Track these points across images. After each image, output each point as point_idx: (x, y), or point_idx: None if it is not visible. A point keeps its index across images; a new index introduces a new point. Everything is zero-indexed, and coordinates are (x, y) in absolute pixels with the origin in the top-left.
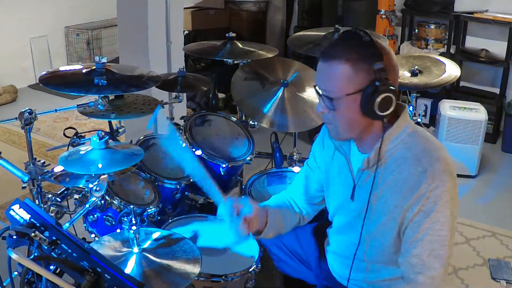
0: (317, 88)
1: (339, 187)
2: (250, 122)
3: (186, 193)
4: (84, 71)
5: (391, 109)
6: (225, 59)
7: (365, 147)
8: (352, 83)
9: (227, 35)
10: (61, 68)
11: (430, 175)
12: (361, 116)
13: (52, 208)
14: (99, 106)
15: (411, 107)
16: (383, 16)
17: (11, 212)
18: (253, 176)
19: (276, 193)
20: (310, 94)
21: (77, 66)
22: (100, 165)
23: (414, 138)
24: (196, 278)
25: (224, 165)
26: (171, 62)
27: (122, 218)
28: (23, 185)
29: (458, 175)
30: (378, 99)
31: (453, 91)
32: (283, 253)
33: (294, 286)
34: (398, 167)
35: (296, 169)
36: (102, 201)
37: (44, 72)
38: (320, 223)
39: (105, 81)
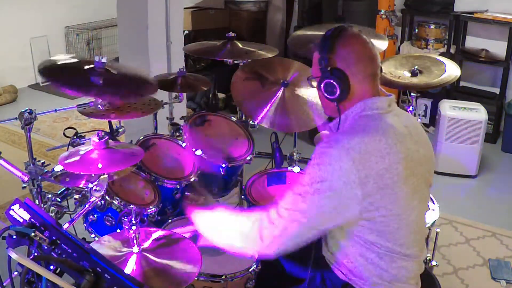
0: None
1: None
2: (250, 122)
3: (186, 193)
4: (85, 67)
5: (338, 93)
6: (225, 59)
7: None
8: (316, 68)
9: (227, 35)
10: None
11: (329, 139)
12: (324, 98)
13: (52, 208)
14: (99, 106)
15: (411, 107)
16: (383, 16)
17: (11, 212)
18: (253, 176)
19: (276, 193)
20: (310, 94)
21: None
22: (100, 165)
23: (358, 120)
24: (196, 278)
25: (224, 165)
26: (171, 62)
27: (122, 218)
28: (23, 185)
29: (458, 175)
30: (322, 85)
31: (453, 91)
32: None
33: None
34: None
35: (296, 169)
36: (102, 201)
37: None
38: None
39: (101, 82)
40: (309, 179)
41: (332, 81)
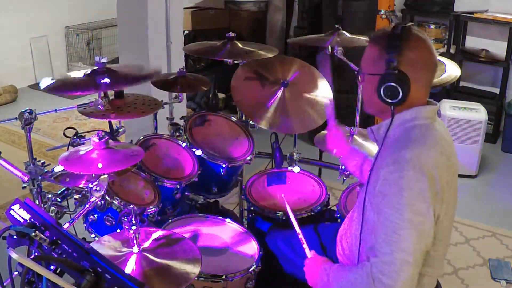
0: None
1: None
2: (250, 122)
3: (186, 193)
4: (84, 74)
5: (398, 99)
6: (225, 59)
7: (380, 129)
8: (374, 65)
9: (227, 35)
10: (62, 75)
11: (394, 159)
12: (375, 97)
13: (52, 208)
14: (99, 106)
15: None
16: (383, 16)
17: (11, 212)
18: (253, 176)
19: (276, 193)
20: (310, 94)
21: (78, 73)
22: (100, 165)
23: (411, 130)
24: (196, 278)
25: (224, 165)
26: (171, 62)
27: (122, 218)
28: (23, 185)
29: (458, 175)
30: (383, 87)
31: (453, 91)
32: (292, 252)
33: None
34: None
35: (296, 169)
36: (102, 201)
37: (46, 85)
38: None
39: (108, 80)
40: (395, 212)
41: (396, 84)
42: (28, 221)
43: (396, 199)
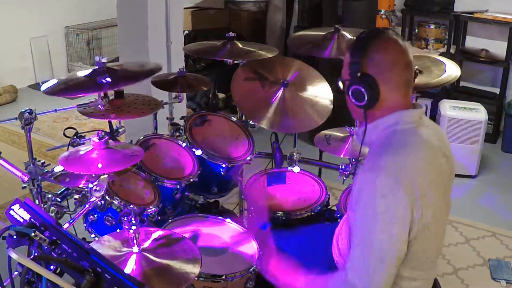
0: None
1: None
2: (250, 122)
3: (186, 193)
4: (84, 74)
5: (365, 101)
6: (225, 59)
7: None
8: (345, 71)
9: (227, 35)
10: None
11: (369, 166)
12: (351, 102)
13: (52, 208)
14: (99, 106)
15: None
16: (383, 16)
17: (11, 212)
18: (253, 176)
19: (276, 193)
20: (310, 94)
21: (78, 74)
22: (100, 165)
23: (392, 136)
24: (196, 278)
25: (224, 165)
26: (171, 62)
27: (122, 218)
28: (23, 185)
29: (458, 175)
30: (350, 90)
31: (453, 91)
32: (291, 251)
33: None
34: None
35: (296, 169)
36: (102, 201)
37: (47, 87)
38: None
39: (110, 79)
40: (369, 220)
41: (360, 87)
42: (28, 221)
43: (369, 206)
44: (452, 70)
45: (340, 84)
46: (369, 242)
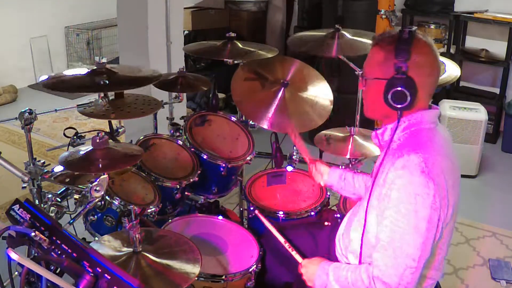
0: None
1: None
2: (250, 122)
3: (186, 193)
4: (85, 73)
5: (406, 103)
6: (225, 59)
7: (385, 134)
8: (381, 70)
9: (227, 35)
10: (65, 73)
11: (403, 163)
12: (381, 101)
13: (52, 208)
14: (99, 106)
15: None
16: (383, 16)
17: (11, 212)
18: (253, 176)
19: (276, 193)
20: (310, 93)
21: (79, 70)
22: (100, 165)
23: (418, 134)
24: (196, 278)
25: (224, 165)
26: (171, 62)
27: (122, 218)
28: (23, 185)
29: None
30: (391, 91)
31: (453, 91)
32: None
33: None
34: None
35: (289, 168)
36: (102, 201)
37: (45, 77)
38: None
39: (107, 81)
40: (402, 217)
41: (404, 89)
42: (28, 221)
43: (403, 204)
44: (452, 70)
45: (363, 82)
46: (402, 241)
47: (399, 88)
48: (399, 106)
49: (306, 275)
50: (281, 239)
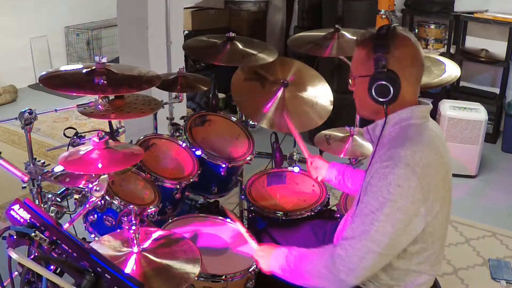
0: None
1: None
2: (250, 122)
3: (186, 193)
4: (84, 71)
5: (390, 96)
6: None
7: (375, 129)
8: (364, 67)
9: (227, 35)
10: (62, 68)
11: (388, 155)
12: (368, 98)
13: (52, 208)
14: (99, 106)
15: None
16: (383, 16)
17: (11, 212)
18: (253, 176)
19: (276, 193)
20: (310, 94)
21: (77, 66)
22: (100, 165)
23: (407, 129)
24: (196, 278)
25: (224, 165)
26: (171, 62)
27: (122, 218)
28: (23, 185)
29: (458, 175)
30: (374, 86)
31: (453, 91)
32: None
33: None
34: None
35: (296, 169)
36: (102, 201)
37: (44, 72)
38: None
39: (105, 81)
40: (378, 204)
41: (386, 83)
42: (28, 221)
43: (382, 192)
44: (452, 70)
45: (350, 81)
46: (371, 226)
47: (382, 82)
48: (383, 100)
49: (262, 259)
50: (241, 228)
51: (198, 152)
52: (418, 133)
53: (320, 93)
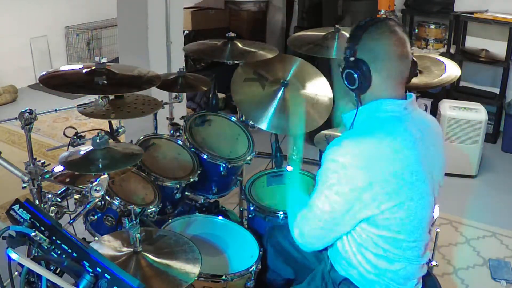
0: None
1: None
2: (250, 122)
3: (186, 193)
4: (84, 71)
5: (357, 85)
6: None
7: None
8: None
9: (227, 35)
10: (62, 68)
11: (335, 141)
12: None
13: (52, 208)
14: (99, 106)
15: None
16: (383, 16)
17: (11, 212)
18: (253, 176)
19: (276, 193)
20: (311, 92)
21: (77, 66)
22: (100, 165)
23: (367, 121)
24: (196, 278)
25: (224, 165)
26: (171, 62)
27: (122, 218)
28: (23, 185)
29: (458, 175)
30: (344, 73)
31: (453, 91)
32: (293, 248)
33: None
34: None
35: (288, 168)
36: (102, 201)
37: (44, 72)
38: None
39: (106, 81)
40: (320, 184)
41: (352, 71)
42: (28, 221)
43: (323, 175)
44: (452, 70)
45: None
46: (314, 201)
47: (349, 70)
48: (352, 88)
49: None
50: None
51: (198, 152)
52: (376, 126)
53: (321, 93)
